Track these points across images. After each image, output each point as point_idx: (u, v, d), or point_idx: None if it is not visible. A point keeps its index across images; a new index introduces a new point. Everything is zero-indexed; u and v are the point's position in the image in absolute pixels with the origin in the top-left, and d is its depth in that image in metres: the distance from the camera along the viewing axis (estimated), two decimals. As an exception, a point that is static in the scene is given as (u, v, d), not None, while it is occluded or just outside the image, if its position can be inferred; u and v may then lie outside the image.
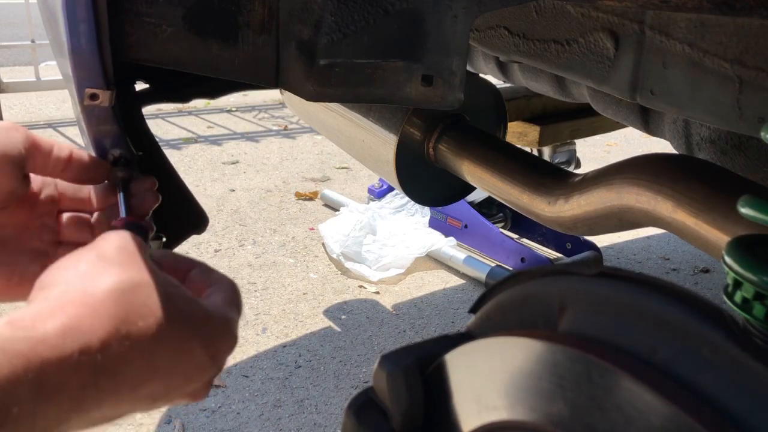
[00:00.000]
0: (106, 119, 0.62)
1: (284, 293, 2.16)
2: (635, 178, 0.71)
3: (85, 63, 0.59)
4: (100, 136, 0.62)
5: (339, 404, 1.64)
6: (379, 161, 1.04)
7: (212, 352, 0.46)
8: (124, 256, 0.44)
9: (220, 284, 0.51)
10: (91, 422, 0.40)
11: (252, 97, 4.84)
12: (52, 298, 0.40)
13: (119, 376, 0.40)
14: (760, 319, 0.35)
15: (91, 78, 0.59)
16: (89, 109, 0.61)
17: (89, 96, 0.60)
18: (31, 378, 0.36)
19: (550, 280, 0.41)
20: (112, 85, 0.60)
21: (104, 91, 0.60)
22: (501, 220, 2.44)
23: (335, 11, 0.62)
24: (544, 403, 0.37)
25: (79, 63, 0.59)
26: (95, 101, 0.60)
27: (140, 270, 0.44)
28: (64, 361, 0.37)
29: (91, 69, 0.59)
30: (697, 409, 0.31)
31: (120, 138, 0.63)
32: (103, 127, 0.62)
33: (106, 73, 0.60)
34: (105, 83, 0.60)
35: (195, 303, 0.46)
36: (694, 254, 2.53)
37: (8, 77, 4.00)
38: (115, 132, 0.62)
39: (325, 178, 3.25)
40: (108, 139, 0.63)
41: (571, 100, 1.12)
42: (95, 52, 0.58)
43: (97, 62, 0.59)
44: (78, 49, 0.58)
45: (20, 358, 0.35)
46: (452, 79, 0.65)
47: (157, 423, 1.56)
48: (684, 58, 0.71)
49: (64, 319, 0.38)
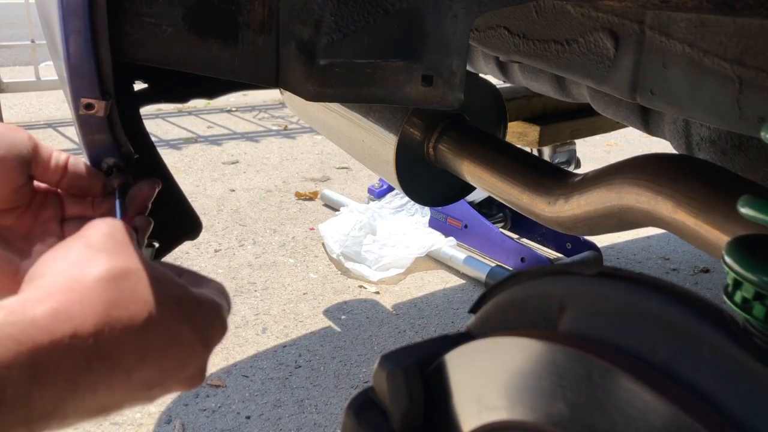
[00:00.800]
0: (101, 128, 0.62)
1: (284, 293, 2.16)
2: (635, 178, 0.71)
3: (81, 73, 0.59)
4: (94, 144, 0.62)
5: (339, 404, 1.64)
6: (379, 161, 1.04)
7: (203, 336, 0.46)
8: (112, 244, 0.44)
9: (208, 281, 0.52)
10: (88, 411, 0.40)
11: (252, 97, 4.84)
12: (41, 287, 0.41)
13: (112, 361, 0.40)
14: (760, 319, 0.35)
15: (86, 88, 0.59)
16: (84, 119, 0.61)
17: (84, 106, 0.60)
18: (23, 361, 0.36)
19: (550, 280, 0.41)
20: (108, 95, 0.60)
21: (99, 101, 0.60)
22: (501, 220, 2.44)
23: (335, 11, 0.62)
24: (544, 403, 0.37)
25: (75, 73, 0.59)
26: (90, 111, 0.60)
27: (129, 257, 0.44)
28: (56, 344, 0.37)
29: (86, 79, 0.59)
30: (697, 409, 0.31)
31: (114, 147, 0.63)
32: (98, 136, 0.62)
33: (102, 83, 0.60)
34: (101, 93, 0.60)
35: (185, 289, 0.47)
36: (694, 254, 2.53)
37: (8, 77, 4.00)
38: (109, 141, 0.62)
39: (325, 178, 3.25)
40: (102, 147, 0.63)
41: (571, 100, 1.12)
42: (92, 62, 0.58)
43: (93, 72, 0.59)
44: (74, 59, 0.58)
45: (11, 340, 0.36)
46: (452, 79, 0.65)
47: (157, 423, 1.56)
48: (684, 58, 0.71)
49: (53, 303, 0.39)
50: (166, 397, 1.69)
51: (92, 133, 0.62)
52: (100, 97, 0.60)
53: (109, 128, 0.62)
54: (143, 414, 1.58)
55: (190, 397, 1.65)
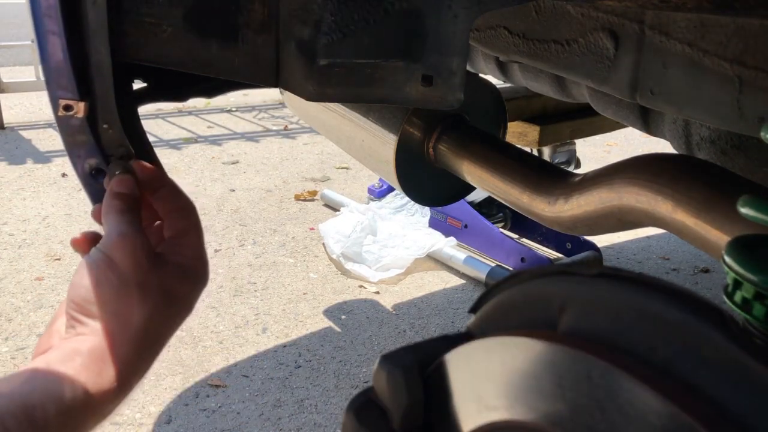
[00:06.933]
0: (81, 130, 0.62)
1: (284, 293, 2.16)
2: (635, 178, 0.71)
3: (58, 74, 0.58)
4: (75, 146, 0.62)
5: (339, 404, 1.64)
6: (379, 161, 1.04)
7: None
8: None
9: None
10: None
11: (252, 97, 4.84)
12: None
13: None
14: (760, 319, 0.35)
15: (64, 89, 0.59)
16: (63, 120, 0.60)
17: (63, 107, 0.59)
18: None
19: (550, 280, 0.41)
20: (87, 96, 0.60)
21: (78, 103, 0.59)
22: (501, 220, 2.44)
23: (335, 11, 0.62)
24: (544, 403, 0.37)
25: (51, 74, 0.58)
26: (70, 112, 0.60)
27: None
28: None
29: (64, 80, 0.59)
30: (697, 409, 0.31)
31: (95, 148, 0.63)
32: (79, 138, 0.62)
33: (80, 83, 0.59)
34: (79, 94, 0.59)
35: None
36: (694, 254, 2.53)
37: (8, 77, 4.00)
38: (89, 142, 0.62)
39: (325, 178, 3.25)
40: (82, 149, 0.62)
41: (571, 100, 1.12)
42: (68, 63, 0.58)
43: (71, 73, 0.58)
44: (50, 60, 0.58)
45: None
46: (452, 79, 0.65)
47: (157, 422, 1.56)
48: (684, 58, 0.71)
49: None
50: (166, 397, 1.69)
51: (72, 134, 0.62)
52: (78, 99, 0.59)
53: (89, 129, 0.62)
54: (143, 414, 1.58)
55: (190, 397, 1.65)
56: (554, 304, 0.40)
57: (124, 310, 0.54)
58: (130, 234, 0.56)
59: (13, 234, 2.51)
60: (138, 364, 0.55)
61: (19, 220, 2.64)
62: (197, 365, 1.78)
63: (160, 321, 0.57)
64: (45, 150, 3.52)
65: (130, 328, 0.54)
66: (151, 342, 0.56)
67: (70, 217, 2.67)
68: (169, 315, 0.58)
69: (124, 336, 0.54)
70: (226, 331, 1.94)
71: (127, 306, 0.54)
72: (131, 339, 0.54)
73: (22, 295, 2.07)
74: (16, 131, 3.83)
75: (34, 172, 3.19)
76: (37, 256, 2.33)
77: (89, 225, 0.85)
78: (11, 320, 1.94)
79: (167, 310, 0.57)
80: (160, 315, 0.56)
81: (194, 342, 1.88)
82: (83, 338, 0.53)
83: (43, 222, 2.62)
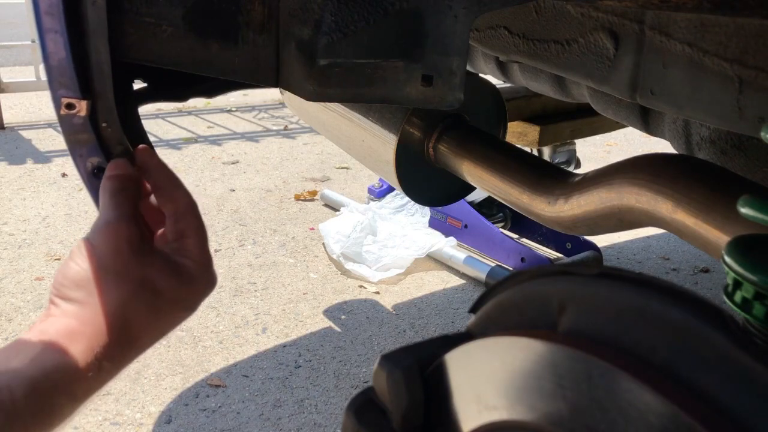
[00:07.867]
0: (83, 128, 0.62)
1: (284, 293, 2.16)
2: (635, 178, 0.71)
3: (60, 72, 0.58)
4: (77, 145, 0.62)
5: (339, 404, 1.64)
6: (379, 161, 1.04)
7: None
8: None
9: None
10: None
11: (252, 97, 4.84)
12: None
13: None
14: (760, 319, 0.35)
15: (66, 87, 0.59)
16: (66, 119, 0.60)
17: (65, 105, 0.59)
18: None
19: (550, 280, 0.41)
20: (89, 94, 0.60)
21: (80, 101, 0.59)
22: (501, 220, 2.44)
23: (335, 11, 0.62)
24: (544, 403, 0.37)
25: (53, 72, 0.58)
26: (72, 111, 0.60)
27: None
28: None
29: (66, 78, 0.59)
30: (697, 409, 0.31)
31: (97, 147, 0.63)
32: (81, 136, 0.62)
33: (83, 82, 0.59)
34: (81, 93, 0.59)
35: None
36: (694, 254, 2.53)
37: (8, 77, 4.00)
38: (91, 141, 0.62)
39: (325, 178, 3.25)
40: (84, 148, 0.62)
41: (571, 100, 1.12)
42: (70, 61, 0.58)
43: (73, 71, 0.58)
44: (52, 58, 0.58)
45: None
46: (452, 79, 0.65)
47: (157, 422, 1.56)
48: (684, 58, 0.71)
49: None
50: (166, 397, 1.69)
51: (75, 132, 0.62)
52: (80, 97, 0.59)
53: (92, 128, 0.62)
54: (143, 414, 1.58)
55: (190, 397, 1.65)
56: (554, 304, 0.40)
57: (98, 294, 0.55)
58: (114, 221, 0.58)
59: (13, 234, 2.51)
60: (116, 350, 0.55)
61: (19, 220, 2.64)
62: (197, 365, 1.78)
63: (140, 311, 0.57)
64: (45, 150, 3.52)
65: (103, 311, 0.55)
66: (133, 332, 0.57)
67: (70, 217, 2.67)
68: (154, 308, 0.58)
69: (96, 318, 0.55)
70: (226, 331, 1.94)
71: (101, 290, 0.55)
72: (106, 323, 0.55)
73: (22, 295, 2.07)
74: (16, 131, 3.84)
75: (34, 172, 3.19)
76: (37, 256, 2.33)
77: (89, 225, 0.85)
78: (11, 320, 1.94)
79: (149, 301, 0.57)
80: (139, 304, 0.57)
81: (194, 342, 1.88)
82: (53, 319, 0.55)
83: (43, 222, 2.62)
